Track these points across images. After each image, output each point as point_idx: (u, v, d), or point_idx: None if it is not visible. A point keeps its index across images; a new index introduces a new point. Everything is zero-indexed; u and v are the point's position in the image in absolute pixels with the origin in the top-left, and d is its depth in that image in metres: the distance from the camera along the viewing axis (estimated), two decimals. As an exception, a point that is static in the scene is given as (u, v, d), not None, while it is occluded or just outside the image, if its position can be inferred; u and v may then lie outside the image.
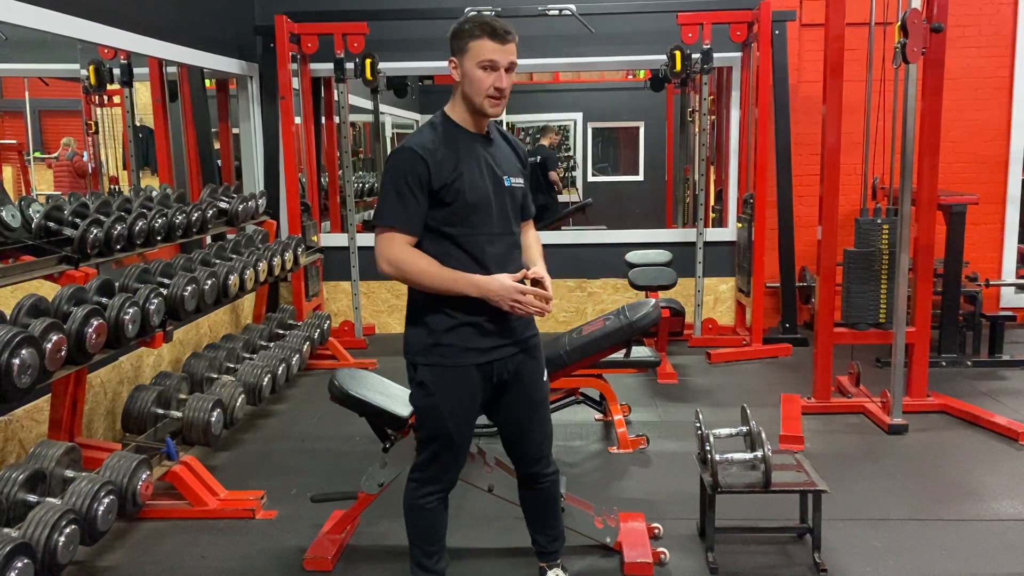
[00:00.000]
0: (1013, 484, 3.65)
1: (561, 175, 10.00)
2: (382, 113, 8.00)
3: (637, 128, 11.35)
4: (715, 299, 6.50)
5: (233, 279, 4.15)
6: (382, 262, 2.34)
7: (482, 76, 2.30)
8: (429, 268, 2.32)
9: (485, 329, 2.39)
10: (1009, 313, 5.80)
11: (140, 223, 3.76)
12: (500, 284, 2.32)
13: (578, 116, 11.42)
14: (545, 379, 2.61)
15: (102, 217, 3.51)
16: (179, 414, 3.71)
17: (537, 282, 2.39)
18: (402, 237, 2.32)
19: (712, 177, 6.69)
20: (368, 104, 7.13)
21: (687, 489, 3.50)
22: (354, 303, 6.32)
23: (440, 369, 2.40)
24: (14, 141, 5.18)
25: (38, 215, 3.34)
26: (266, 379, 4.31)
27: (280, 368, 4.53)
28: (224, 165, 6.47)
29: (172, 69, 5.53)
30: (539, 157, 9.13)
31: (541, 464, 2.64)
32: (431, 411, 2.44)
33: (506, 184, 2.42)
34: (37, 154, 5.33)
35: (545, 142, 9.80)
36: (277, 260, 4.83)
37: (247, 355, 4.68)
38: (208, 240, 5.13)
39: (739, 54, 6.22)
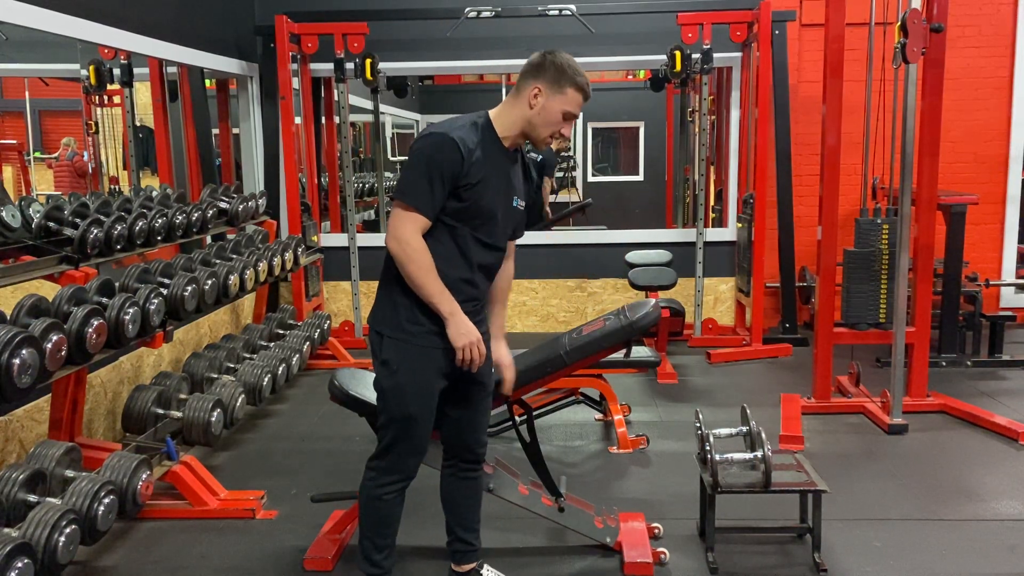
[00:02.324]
0: (1013, 484, 3.65)
1: (561, 175, 9.97)
2: (382, 113, 8.00)
3: (637, 128, 11.35)
4: (715, 299, 6.50)
5: (233, 279, 4.15)
6: (391, 237, 2.36)
7: (559, 120, 2.42)
8: (430, 269, 2.35)
9: None
10: (1009, 313, 5.80)
11: (140, 223, 3.76)
12: (470, 329, 2.39)
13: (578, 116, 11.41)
14: (492, 368, 2.67)
15: (102, 217, 3.51)
16: (179, 414, 3.71)
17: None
18: (421, 220, 2.34)
19: (712, 177, 6.69)
20: (368, 104, 7.13)
21: (687, 489, 3.51)
22: (354, 303, 6.33)
23: (405, 347, 2.42)
24: (14, 141, 5.18)
25: (38, 215, 3.34)
26: (266, 379, 4.31)
27: (280, 368, 4.53)
28: (224, 165, 6.47)
29: (172, 69, 5.53)
30: (540, 158, 9.12)
31: (483, 451, 2.71)
32: (394, 391, 2.45)
33: (513, 204, 2.51)
34: (37, 154, 5.33)
35: (553, 145, 9.78)
36: (277, 260, 4.83)
37: (247, 355, 4.68)
38: (208, 240, 5.13)
39: (739, 54, 6.22)
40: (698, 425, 3.10)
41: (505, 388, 2.69)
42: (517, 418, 3.14)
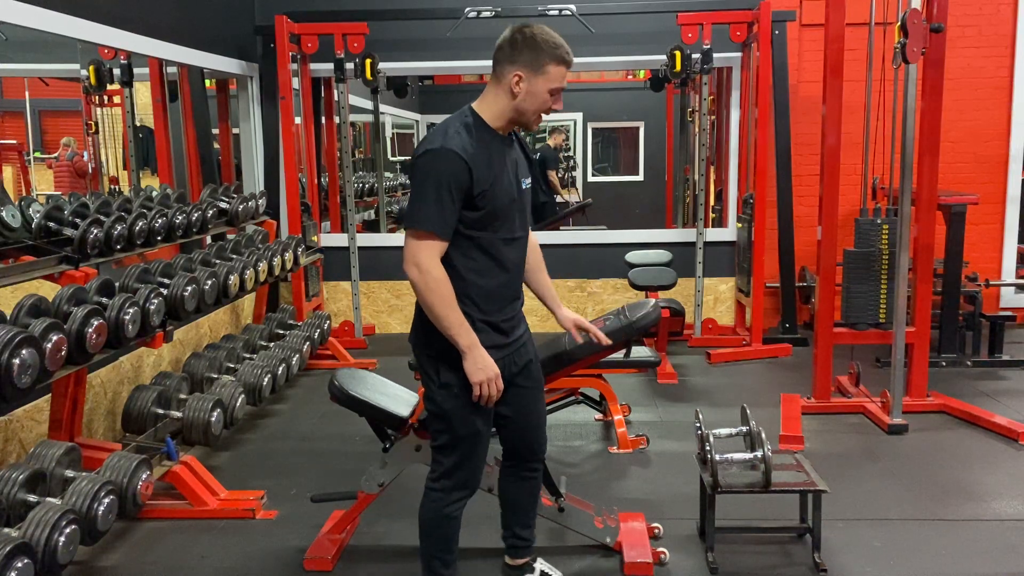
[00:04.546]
0: (1013, 484, 3.65)
1: (561, 175, 10.00)
2: (382, 113, 8.00)
3: (637, 128, 11.36)
4: (715, 299, 6.50)
5: (233, 279, 4.15)
6: (410, 265, 2.27)
7: (546, 99, 2.33)
8: (450, 300, 2.28)
9: (499, 328, 2.43)
10: (1009, 313, 5.80)
11: (140, 223, 3.76)
12: (488, 364, 2.32)
13: (578, 116, 11.42)
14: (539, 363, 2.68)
15: (102, 217, 3.51)
16: (179, 414, 3.71)
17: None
18: (437, 244, 2.27)
19: (712, 177, 6.69)
20: (368, 104, 7.13)
21: (687, 489, 3.51)
22: (354, 303, 6.32)
23: (462, 367, 2.35)
24: (14, 141, 5.17)
25: (38, 215, 3.34)
26: (266, 379, 4.31)
27: (280, 368, 4.53)
28: (224, 165, 6.47)
29: (172, 69, 5.53)
30: (539, 155, 9.12)
31: (541, 450, 2.69)
32: (459, 411, 2.40)
33: (523, 187, 2.46)
34: (37, 154, 5.32)
35: (551, 142, 9.80)
36: (277, 260, 4.83)
37: (247, 355, 4.68)
38: (208, 240, 5.13)
39: (739, 54, 6.22)
40: (698, 425, 3.10)
41: (603, 340, 2.71)
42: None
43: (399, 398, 2.99)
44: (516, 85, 2.31)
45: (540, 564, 2.81)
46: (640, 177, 11.39)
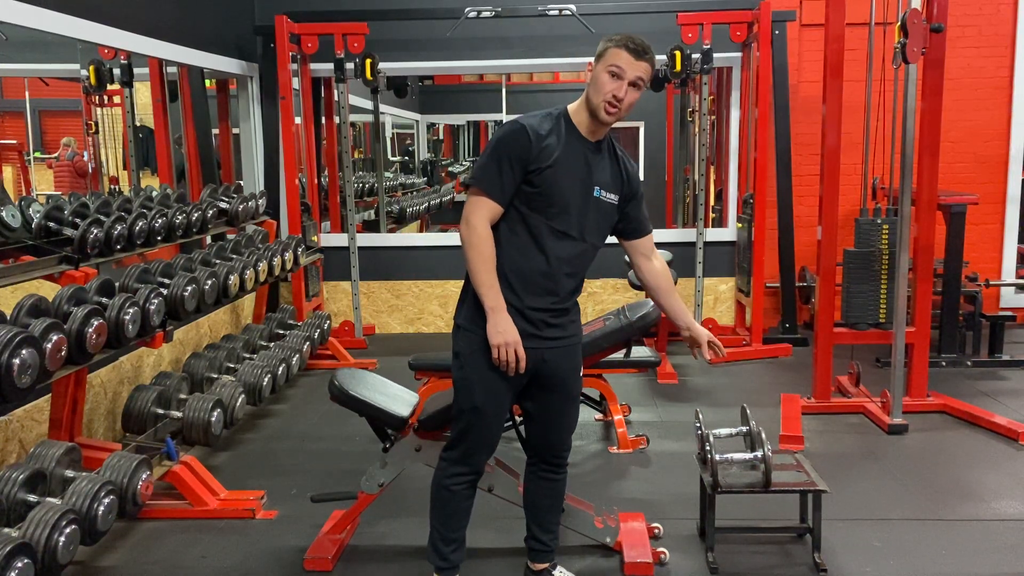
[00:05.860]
0: (1013, 484, 3.65)
1: None
2: (382, 113, 7.99)
3: (637, 128, 11.35)
4: (715, 299, 6.50)
5: (233, 279, 4.15)
6: (462, 221, 2.42)
7: (606, 80, 2.38)
8: (487, 259, 2.39)
9: (525, 315, 2.44)
10: (1009, 313, 5.80)
11: (140, 223, 3.76)
12: (508, 330, 2.38)
13: (578, 116, 11.39)
14: (580, 375, 2.67)
15: (102, 217, 3.51)
16: (179, 414, 3.71)
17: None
18: (491, 205, 2.39)
19: (712, 177, 6.69)
20: (368, 104, 7.13)
21: (687, 489, 3.51)
22: (354, 303, 6.32)
23: (475, 339, 2.43)
24: (14, 141, 5.18)
25: (38, 215, 3.34)
26: (266, 379, 4.31)
27: (280, 368, 4.53)
28: (224, 165, 6.47)
29: (172, 69, 5.53)
30: None
31: (564, 455, 2.71)
32: (462, 383, 2.49)
33: (594, 193, 2.49)
34: (37, 154, 5.33)
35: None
36: (277, 260, 4.83)
37: (247, 355, 4.68)
38: (208, 240, 5.13)
39: (739, 54, 6.22)
40: (698, 425, 3.10)
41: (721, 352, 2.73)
42: (517, 418, 3.14)
43: (399, 398, 2.99)
44: (588, 75, 2.45)
45: (560, 572, 2.81)
46: (640, 177, 11.38)
